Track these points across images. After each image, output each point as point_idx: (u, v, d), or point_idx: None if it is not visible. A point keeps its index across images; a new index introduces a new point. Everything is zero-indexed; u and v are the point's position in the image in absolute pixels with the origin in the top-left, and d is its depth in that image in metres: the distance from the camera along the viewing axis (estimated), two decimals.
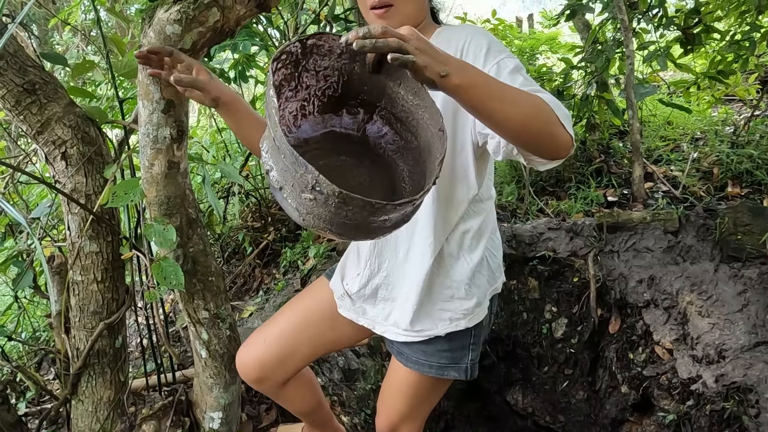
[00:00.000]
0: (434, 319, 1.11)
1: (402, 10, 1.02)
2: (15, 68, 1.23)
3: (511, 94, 0.79)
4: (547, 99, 0.82)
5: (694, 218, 2.44)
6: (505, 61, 0.91)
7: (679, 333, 2.25)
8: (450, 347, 1.13)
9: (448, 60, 0.75)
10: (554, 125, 0.80)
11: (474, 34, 0.97)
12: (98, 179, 1.33)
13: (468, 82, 0.75)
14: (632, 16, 2.96)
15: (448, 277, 1.10)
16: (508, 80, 0.87)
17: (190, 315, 1.31)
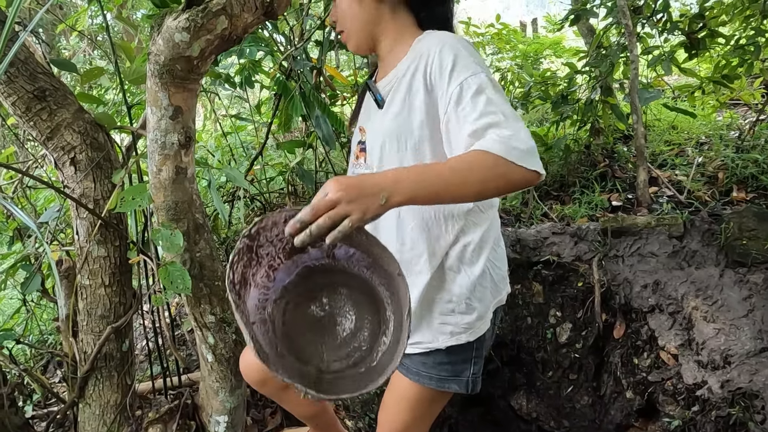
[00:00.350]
0: (434, 332, 1.09)
1: (351, 33, 1.10)
2: (26, 75, 1.25)
3: (457, 175, 0.80)
4: (499, 142, 0.82)
5: (699, 223, 2.43)
6: (469, 81, 0.90)
7: (684, 338, 2.24)
8: (451, 360, 1.11)
9: (382, 183, 0.78)
10: (510, 173, 0.82)
11: (441, 49, 0.95)
12: (106, 184, 1.35)
13: (409, 193, 0.79)
14: (636, 21, 2.96)
15: (449, 291, 1.08)
16: (470, 105, 0.88)
17: (197, 319, 1.32)
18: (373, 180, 0.80)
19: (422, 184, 0.81)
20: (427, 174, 0.82)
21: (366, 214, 0.78)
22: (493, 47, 4.95)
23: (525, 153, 0.83)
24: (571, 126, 3.35)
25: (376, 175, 0.82)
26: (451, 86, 0.91)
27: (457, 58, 0.92)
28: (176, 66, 1.13)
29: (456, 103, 0.90)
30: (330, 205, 0.77)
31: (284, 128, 2.44)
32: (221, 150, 3.19)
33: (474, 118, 0.87)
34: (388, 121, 1.05)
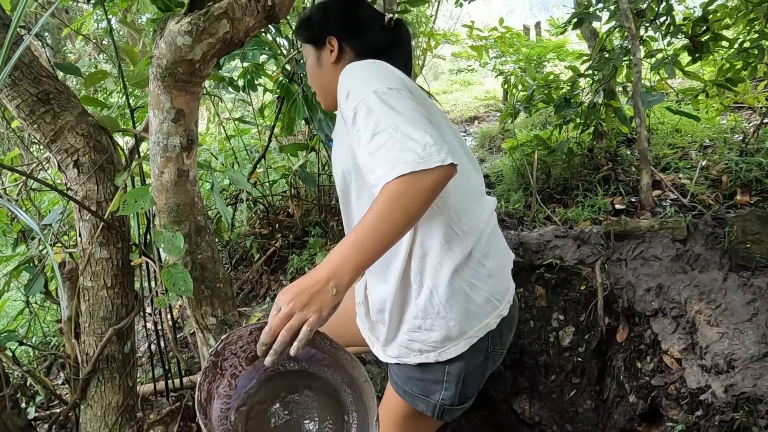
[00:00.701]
0: (406, 348, 1.09)
1: (319, 94, 1.23)
2: (30, 78, 1.26)
3: (385, 220, 0.82)
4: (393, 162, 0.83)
5: (703, 226, 2.42)
6: (360, 105, 0.91)
7: (687, 342, 2.23)
8: (422, 377, 1.09)
9: (325, 276, 0.81)
10: (421, 183, 0.83)
11: (341, 80, 1.00)
12: (109, 187, 1.36)
13: (355, 268, 0.82)
14: (639, 24, 2.96)
15: (415, 306, 1.06)
16: (363, 127, 0.90)
17: (198, 321, 1.33)
18: (316, 277, 0.82)
19: (362, 252, 0.83)
20: (361, 239, 0.83)
21: (323, 312, 0.81)
22: (497, 50, 4.96)
23: (423, 152, 0.83)
24: (574, 129, 3.35)
25: (317, 270, 0.83)
26: (348, 114, 0.94)
27: (351, 87, 0.96)
28: (178, 69, 1.14)
29: (352, 127, 0.93)
30: (285, 319, 0.80)
31: (287, 131, 2.45)
32: (224, 153, 3.20)
33: (366, 141, 0.88)
34: (334, 158, 1.16)
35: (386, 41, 1.18)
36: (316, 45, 1.18)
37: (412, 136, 0.85)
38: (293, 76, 2.32)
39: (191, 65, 1.15)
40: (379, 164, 0.85)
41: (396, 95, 0.91)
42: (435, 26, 5.64)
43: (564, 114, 3.18)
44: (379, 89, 0.91)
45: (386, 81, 0.94)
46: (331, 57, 1.16)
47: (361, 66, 1.00)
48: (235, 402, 0.91)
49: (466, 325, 1.04)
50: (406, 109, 0.89)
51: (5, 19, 1.26)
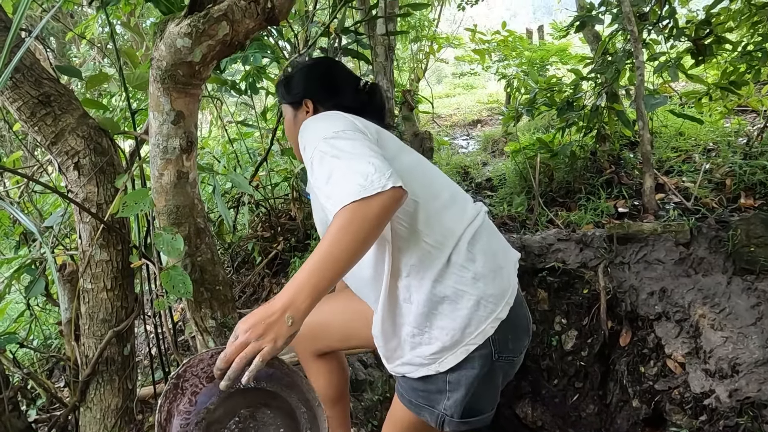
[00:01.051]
0: (410, 364, 1.10)
1: (294, 147, 1.31)
2: (31, 81, 1.27)
3: (336, 246, 0.86)
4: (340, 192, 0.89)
5: (706, 230, 2.41)
6: (313, 155, 0.98)
7: (691, 346, 2.21)
8: (425, 388, 1.10)
9: (282, 306, 0.84)
10: (369, 208, 0.87)
11: (300, 136, 1.08)
12: (109, 189, 1.36)
13: (311, 296, 0.85)
14: (642, 28, 2.95)
15: (409, 324, 1.07)
16: (318, 173, 0.96)
17: (197, 323, 1.33)
18: (273, 307, 0.84)
19: (316, 280, 0.85)
20: (314, 267, 0.86)
21: (278, 342, 0.83)
22: (499, 54, 4.96)
23: (365, 181, 0.88)
24: (577, 132, 3.34)
25: (274, 300, 0.86)
26: (308, 165, 1.02)
27: (306, 140, 1.04)
28: (178, 71, 1.14)
29: (311, 176, 1.00)
30: (240, 347, 0.82)
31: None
32: (227, 156, 3.21)
33: (323, 184, 0.95)
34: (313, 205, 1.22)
35: (360, 102, 1.27)
36: (293, 105, 1.30)
37: (355, 168, 0.91)
38: None
39: (191, 67, 1.15)
40: (331, 199, 0.92)
41: (342, 137, 0.99)
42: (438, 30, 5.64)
43: (567, 117, 3.17)
44: (327, 135, 0.99)
45: (333, 126, 1.02)
46: (306, 117, 1.24)
47: (313, 119, 1.10)
48: (195, 417, 0.94)
49: (460, 333, 1.03)
50: (352, 147, 0.96)
51: (7, 22, 1.26)
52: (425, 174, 1.16)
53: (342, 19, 2.28)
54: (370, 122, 1.15)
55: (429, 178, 1.15)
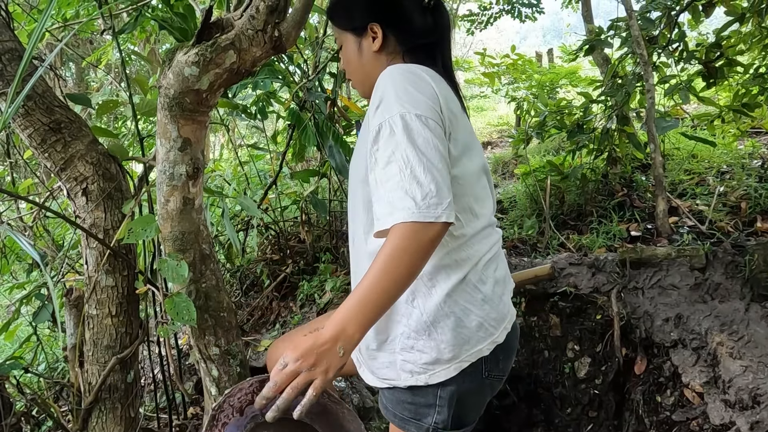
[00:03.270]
0: (398, 369, 1.06)
1: (355, 79, 1.19)
2: (42, 108, 1.29)
3: (388, 276, 0.83)
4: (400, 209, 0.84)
5: (722, 255, 2.35)
6: (387, 122, 0.92)
7: (709, 375, 2.14)
8: (413, 401, 1.06)
9: (333, 336, 0.82)
10: (421, 247, 0.84)
11: (376, 88, 0.99)
12: (117, 214, 1.36)
13: (360, 328, 0.83)
14: (652, 51, 2.95)
15: (407, 326, 1.04)
16: (382, 148, 0.91)
17: (201, 351, 1.31)
18: (323, 337, 0.82)
19: (366, 311, 0.83)
20: (366, 297, 0.84)
21: (329, 373, 0.81)
22: (509, 77, 4.99)
23: (422, 201, 0.84)
24: (588, 155, 3.31)
25: (326, 329, 0.83)
26: (372, 125, 0.94)
27: (383, 98, 0.95)
28: (186, 99, 1.15)
29: (373, 143, 0.94)
30: (291, 376, 0.80)
31: (298, 158, 2.47)
32: (237, 179, 3.23)
33: (381, 165, 0.91)
34: (353, 155, 1.16)
35: (428, 26, 1.12)
36: (356, 32, 1.12)
37: (418, 178, 0.86)
38: (304, 104, 2.34)
39: (198, 95, 1.16)
40: (383, 198, 0.88)
41: (420, 125, 0.90)
42: None
43: (577, 140, 3.15)
44: (407, 113, 0.91)
45: (417, 104, 0.93)
46: (374, 45, 1.11)
47: (400, 75, 0.98)
48: None
49: (458, 349, 1.03)
50: (424, 143, 0.89)
51: (21, 51, 1.29)
52: (481, 189, 1.11)
53: None
54: (450, 91, 1.07)
55: (482, 195, 1.11)
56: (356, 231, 1.12)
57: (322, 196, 3.11)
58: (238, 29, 1.12)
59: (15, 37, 1.31)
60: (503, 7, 4.02)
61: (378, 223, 0.89)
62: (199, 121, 1.21)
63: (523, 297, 2.62)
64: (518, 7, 3.96)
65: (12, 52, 1.27)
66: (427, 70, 1.04)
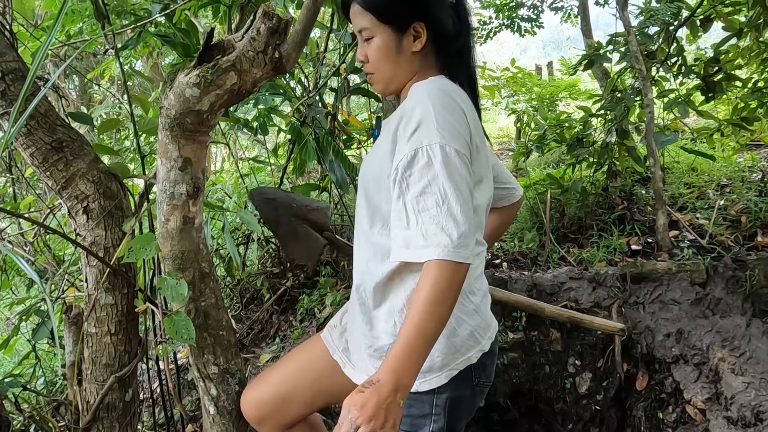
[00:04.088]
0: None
1: (379, 77, 1.11)
2: (45, 127, 1.30)
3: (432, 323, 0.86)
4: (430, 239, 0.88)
5: (723, 269, 2.35)
6: (424, 149, 0.92)
7: (711, 392, 2.13)
8: (408, 413, 1.06)
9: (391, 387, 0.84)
10: (457, 285, 0.88)
11: (415, 106, 0.97)
12: (117, 232, 1.37)
13: (412, 373, 0.86)
14: (650, 65, 2.96)
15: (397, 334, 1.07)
16: (417, 175, 0.91)
17: (200, 370, 1.31)
18: (385, 391, 0.84)
19: (416, 357, 0.86)
20: (414, 344, 0.86)
21: (396, 426, 0.85)
22: (509, 90, 5.01)
23: (457, 240, 0.87)
24: (588, 168, 3.32)
25: (382, 383, 0.85)
26: (407, 148, 0.94)
27: (423, 121, 0.94)
28: (186, 119, 1.16)
29: (406, 167, 0.93)
30: None
31: (298, 173, 2.48)
32: (238, 193, 3.24)
33: (414, 192, 0.91)
34: (367, 161, 1.15)
35: (456, 27, 1.08)
36: (398, 29, 1.05)
37: (455, 216, 0.88)
38: (305, 119, 2.35)
39: (199, 115, 1.17)
40: (415, 228, 0.90)
41: (458, 161, 0.92)
42: None
43: (577, 153, 3.16)
44: (446, 145, 0.91)
45: (456, 137, 0.93)
46: (416, 46, 1.06)
47: (439, 98, 0.98)
48: None
49: (450, 357, 1.05)
50: (461, 180, 0.91)
51: (24, 71, 1.31)
52: (484, 218, 1.14)
53: (351, 61, 2.33)
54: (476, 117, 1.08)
55: (484, 223, 1.14)
56: (360, 221, 1.14)
57: None
58: (239, 51, 1.14)
59: (19, 57, 1.32)
60: (503, 21, 4.05)
61: (406, 252, 0.91)
62: (199, 141, 1.22)
63: (523, 312, 2.61)
64: (518, 22, 3.99)
65: (15, 72, 1.29)
66: (460, 94, 1.05)
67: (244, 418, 1.34)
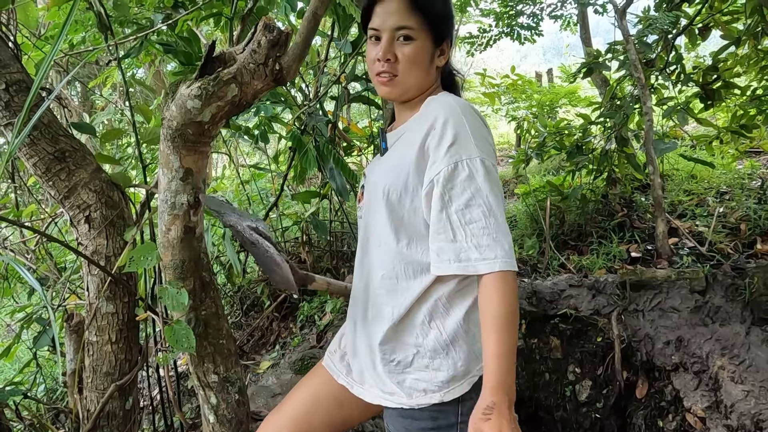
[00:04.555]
0: (409, 388, 1.07)
1: (404, 81, 1.08)
2: (48, 138, 1.31)
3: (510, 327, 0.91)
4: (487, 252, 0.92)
5: (722, 277, 2.35)
6: (465, 163, 0.95)
7: (711, 400, 2.13)
8: (435, 425, 1.06)
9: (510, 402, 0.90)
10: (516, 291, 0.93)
11: (447, 120, 0.98)
12: (119, 241, 1.38)
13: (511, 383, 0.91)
14: (649, 73, 2.98)
15: (423, 347, 1.06)
16: (459, 188, 0.94)
17: (200, 378, 1.31)
18: (507, 413, 0.90)
19: (513, 372, 0.91)
20: (505, 358, 0.91)
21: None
22: (510, 97, 5.04)
23: (508, 253, 0.92)
24: (587, 175, 3.33)
25: (501, 405, 0.90)
26: (445, 161, 0.95)
27: (459, 135, 0.96)
28: (188, 130, 1.17)
29: (447, 180, 0.95)
30: None
31: (298, 180, 2.49)
32: (238, 200, 3.26)
33: (459, 205, 0.94)
34: (383, 171, 1.10)
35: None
36: (436, 41, 1.08)
37: (503, 227, 0.93)
38: (305, 127, 2.37)
39: (200, 126, 1.18)
40: (467, 240, 0.93)
41: (496, 175, 0.97)
42: None
43: (576, 160, 3.18)
44: (486, 159, 0.96)
45: (491, 154, 0.98)
46: (440, 61, 1.11)
47: (471, 115, 1.01)
48: None
49: (471, 365, 1.06)
50: (501, 194, 0.96)
51: (28, 83, 1.32)
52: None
53: (352, 69, 2.35)
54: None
55: None
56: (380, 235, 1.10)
57: (323, 217, 3.12)
58: (240, 63, 1.15)
59: (23, 69, 1.34)
60: (503, 29, 4.08)
61: (458, 265, 0.94)
62: (201, 151, 1.23)
63: (523, 319, 2.61)
64: (517, 30, 4.02)
65: (19, 84, 1.30)
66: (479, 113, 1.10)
67: (243, 426, 1.35)
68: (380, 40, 1.07)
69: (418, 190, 1.02)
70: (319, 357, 2.38)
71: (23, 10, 1.63)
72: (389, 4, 1.06)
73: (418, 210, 1.03)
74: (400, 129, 1.14)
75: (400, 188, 1.04)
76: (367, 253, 1.16)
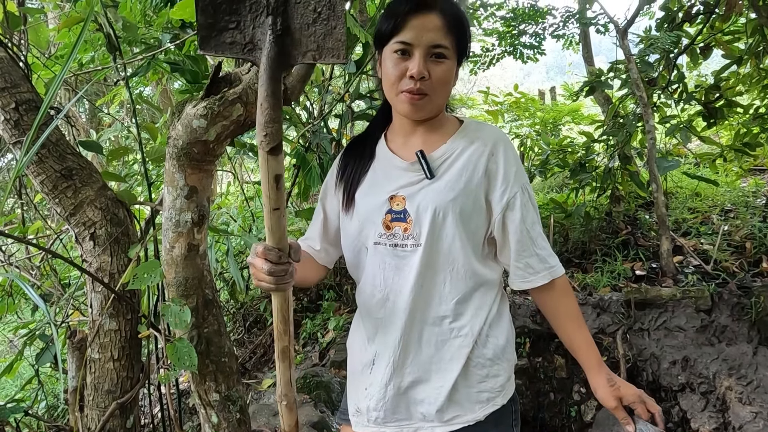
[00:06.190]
0: (472, 402, 1.06)
1: (435, 100, 1.05)
2: (55, 156, 1.33)
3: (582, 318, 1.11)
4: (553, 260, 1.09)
5: (728, 296, 2.34)
6: (526, 187, 1.08)
7: (719, 421, 2.09)
8: (499, 429, 1.08)
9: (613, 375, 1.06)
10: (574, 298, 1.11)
11: (507, 148, 1.09)
12: (123, 258, 1.38)
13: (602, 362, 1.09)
14: (651, 92, 3.00)
15: (483, 357, 1.08)
16: (530, 208, 1.08)
17: (201, 397, 1.31)
18: (619, 379, 1.07)
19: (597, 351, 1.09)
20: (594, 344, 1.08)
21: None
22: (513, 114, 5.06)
23: (554, 268, 1.08)
24: (591, 193, 3.33)
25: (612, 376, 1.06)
26: (516, 186, 1.07)
27: (518, 162, 1.10)
28: (193, 149, 1.19)
29: (522, 203, 1.07)
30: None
31: (302, 197, 2.51)
32: (242, 217, 3.27)
33: (531, 224, 1.08)
34: (442, 193, 1.05)
35: None
36: (459, 61, 1.08)
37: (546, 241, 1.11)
38: (310, 145, 2.39)
39: (205, 145, 1.19)
40: (543, 251, 1.08)
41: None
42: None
43: (580, 178, 3.18)
44: (527, 186, 1.10)
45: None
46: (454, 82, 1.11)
47: (513, 149, 1.14)
48: None
49: (510, 368, 1.14)
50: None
51: (37, 102, 1.35)
52: None
53: (356, 88, 2.37)
54: None
55: None
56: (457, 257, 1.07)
57: None
58: (245, 83, 1.17)
59: (32, 88, 1.36)
60: (506, 48, 4.12)
61: (546, 273, 1.07)
62: (205, 169, 1.24)
63: (527, 337, 2.60)
64: (520, 49, 4.06)
65: (29, 103, 1.33)
66: None
67: None
68: (407, 55, 1.01)
69: (482, 211, 1.07)
70: (321, 375, 2.36)
71: (35, 31, 1.66)
72: (429, 19, 1.01)
73: (482, 229, 1.09)
74: (444, 150, 1.09)
75: (470, 209, 1.06)
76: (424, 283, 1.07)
